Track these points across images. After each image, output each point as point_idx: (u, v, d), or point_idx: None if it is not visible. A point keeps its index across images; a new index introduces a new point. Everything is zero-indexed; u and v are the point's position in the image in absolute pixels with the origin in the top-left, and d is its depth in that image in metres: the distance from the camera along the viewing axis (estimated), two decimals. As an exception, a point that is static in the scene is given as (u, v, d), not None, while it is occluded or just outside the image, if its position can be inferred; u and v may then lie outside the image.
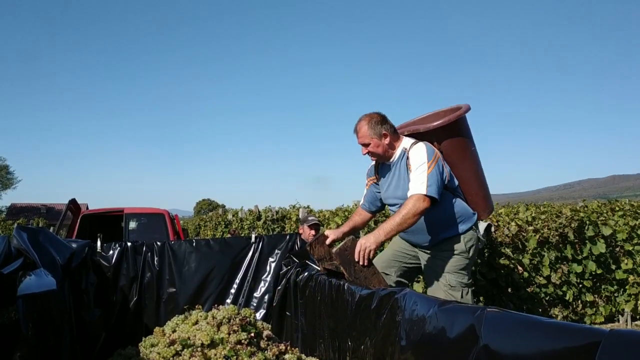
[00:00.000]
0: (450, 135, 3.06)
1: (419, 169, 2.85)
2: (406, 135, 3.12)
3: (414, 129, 3.13)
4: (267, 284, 3.39)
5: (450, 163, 3.05)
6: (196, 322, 2.71)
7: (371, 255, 2.73)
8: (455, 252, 3.01)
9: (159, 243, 3.37)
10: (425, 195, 2.77)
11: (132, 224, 7.62)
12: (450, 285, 2.98)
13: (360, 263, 2.69)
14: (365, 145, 3.05)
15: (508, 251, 4.83)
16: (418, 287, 4.35)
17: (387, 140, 3.01)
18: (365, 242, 2.71)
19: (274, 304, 3.29)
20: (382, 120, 3.03)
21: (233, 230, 10.82)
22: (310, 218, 5.56)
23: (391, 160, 3.09)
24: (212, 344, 2.49)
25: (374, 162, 3.29)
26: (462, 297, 2.98)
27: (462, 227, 3.04)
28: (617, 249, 5.40)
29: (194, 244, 3.41)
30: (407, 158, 2.97)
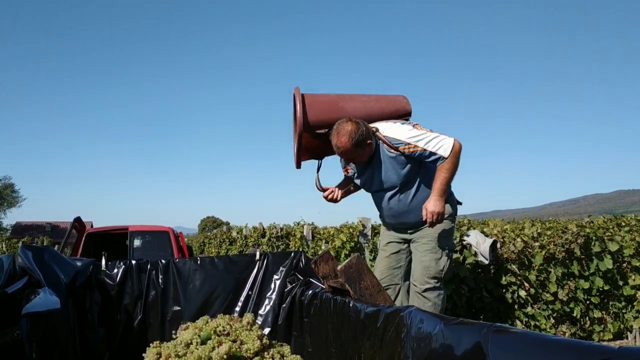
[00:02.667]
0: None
1: (420, 135, 2.82)
2: None
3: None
4: (271, 302, 3.37)
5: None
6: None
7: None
8: (446, 217, 2.97)
9: (163, 261, 3.36)
10: (453, 138, 2.81)
11: (137, 242, 7.62)
12: (440, 248, 2.97)
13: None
14: (351, 159, 3.00)
15: (514, 267, 4.80)
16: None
17: (371, 147, 2.95)
18: (434, 209, 2.77)
19: (279, 322, 3.27)
20: (364, 131, 2.86)
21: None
22: None
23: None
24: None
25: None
26: (447, 259, 2.99)
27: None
28: (624, 264, 5.35)
29: (199, 262, 3.41)
30: (385, 143, 2.91)
